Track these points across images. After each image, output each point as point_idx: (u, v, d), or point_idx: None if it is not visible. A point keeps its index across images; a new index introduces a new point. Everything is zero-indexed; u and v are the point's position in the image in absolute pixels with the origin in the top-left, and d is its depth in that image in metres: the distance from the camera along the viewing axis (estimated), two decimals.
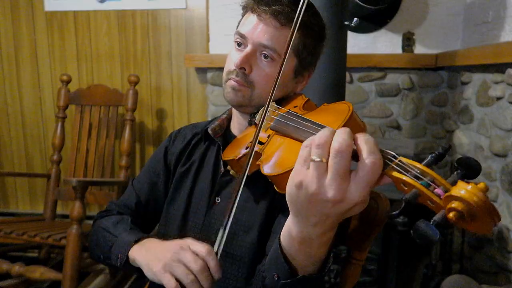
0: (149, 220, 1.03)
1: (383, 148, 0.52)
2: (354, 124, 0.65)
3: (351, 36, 2.04)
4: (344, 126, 0.63)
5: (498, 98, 1.73)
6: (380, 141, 2.17)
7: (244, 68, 0.85)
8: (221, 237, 0.71)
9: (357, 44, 2.26)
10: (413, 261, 2.05)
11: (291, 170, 0.57)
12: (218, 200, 0.91)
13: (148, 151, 2.64)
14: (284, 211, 0.81)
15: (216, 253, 0.71)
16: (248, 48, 0.85)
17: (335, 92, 1.65)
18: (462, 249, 2.00)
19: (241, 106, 0.90)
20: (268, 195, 0.85)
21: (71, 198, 2.18)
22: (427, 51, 2.24)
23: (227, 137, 0.97)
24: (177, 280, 0.70)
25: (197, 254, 0.71)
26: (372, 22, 2.24)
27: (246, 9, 0.89)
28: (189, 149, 1.00)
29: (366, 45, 2.28)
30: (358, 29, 2.23)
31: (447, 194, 0.45)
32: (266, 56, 0.85)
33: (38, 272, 1.81)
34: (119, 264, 0.85)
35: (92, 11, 2.53)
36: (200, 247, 0.72)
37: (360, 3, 1.96)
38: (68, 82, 2.38)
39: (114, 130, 2.35)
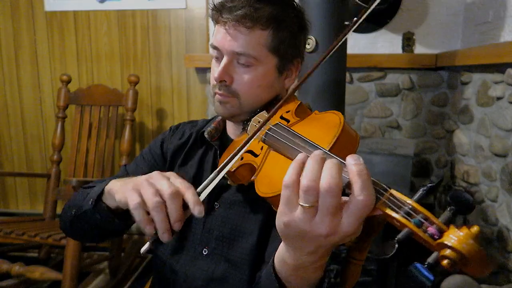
0: None
1: (374, 179, 0.50)
2: (346, 138, 0.63)
3: (351, 36, 2.04)
4: (336, 141, 0.61)
5: (498, 98, 1.73)
6: (380, 141, 2.17)
7: (224, 80, 0.84)
8: (211, 179, 0.66)
9: (357, 44, 2.26)
10: (413, 261, 2.05)
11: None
12: (217, 205, 0.89)
13: None
14: None
15: (199, 193, 0.64)
16: (224, 59, 0.83)
17: (335, 92, 1.65)
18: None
19: (234, 116, 0.89)
20: (266, 202, 0.85)
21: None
22: (427, 51, 2.24)
23: (224, 140, 0.96)
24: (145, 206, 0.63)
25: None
26: (372, 22, 2.25)
27: (213, 19, 0.87)
28: (187, 149, 0.98)
29: (366, 45, 2.28)
30: (358, 29, 2.23)
31: (439, 241, 0.45)
32: (242, 63, 0.83)
33: (38, 272, 1.81)
34: (91, 203, 0.77)
35: (92, 11, 2.53)
36: (178, 180, 0.65)
37: (360, 3, 1.96)
38: (68, 82, 2.38)
39: (114, 130, 2.35)
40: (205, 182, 0.67)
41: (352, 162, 0.49)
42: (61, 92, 2.37)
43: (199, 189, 0.66)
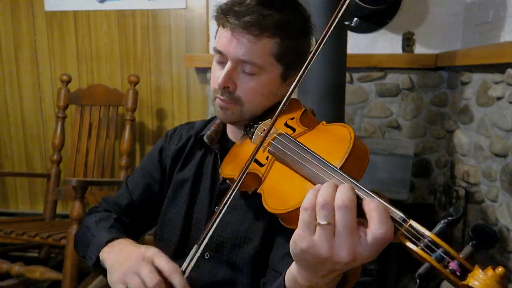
0: (139, 221, 1.01)
1: (394, 209, 0.50)
2: (356, 153, 0.62)
3: (351, 36, 2.04)
4: (347, 158, 0.61)
5: (498, 98, 1.73)
6: (380, 141, 2.17)
7: (228, 87, 0.82)
8: (193, 254, 0.70)
9: (357, 44, 2.26)
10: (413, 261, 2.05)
11: (294, 210, 0.55)
12: (217, 209, 0.89)
13: (148, 151, 2.63)
14: (281, 229, 0.81)
15: (184, 271, 0.69)
16: (228, 65, 0.81)
17: (335, 92, 1.65)
18: (461, 249, 2.00)
19: (234, 122, 0.88)
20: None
21: (71, 198, 2.18)
22: (427, 51, 2.24)
23: (224, 143, 0.95)
24: None
25: (158, 269, 0.69)
26: (372, 22, 2.24)
27: (218, 22, 0.83)
28: (185, 154, 0.97)
29: (366, 45, 2.28)
30: (358, 29, 2.23)
31: (463, 282, 0.45)
32: (247, 72, 0.81)
33: (38, 272, 1.81)
34: (90, 264, 0.84)
35: (92, 11, 2.53)
36: (164, 263, 0.70)
37: (360, 3, 1.96)
38: (68, 82, 2.38)
39: (114, 130, 2.35)
40: (188, 258, 0.71)
41: (368, 199, 0.51)
42: (61, 92, 2.37)
43: (184, 266, 0.71)
